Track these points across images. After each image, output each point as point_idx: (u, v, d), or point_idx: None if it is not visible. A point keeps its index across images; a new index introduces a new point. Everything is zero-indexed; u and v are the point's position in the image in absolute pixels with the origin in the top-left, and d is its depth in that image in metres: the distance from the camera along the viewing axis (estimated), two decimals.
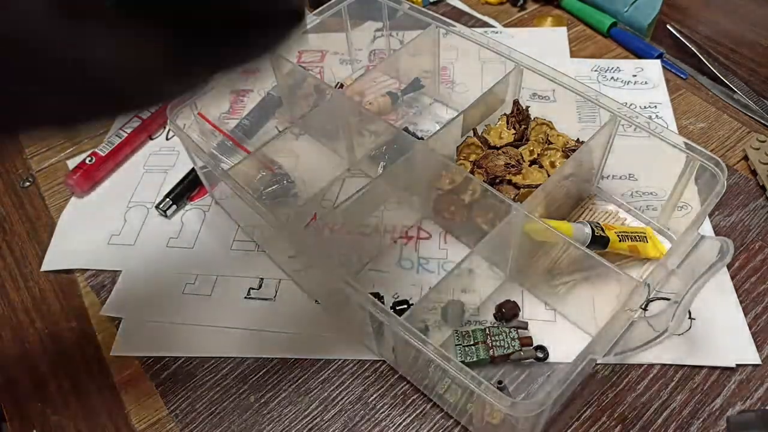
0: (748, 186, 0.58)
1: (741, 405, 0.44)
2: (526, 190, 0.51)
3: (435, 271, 0.53)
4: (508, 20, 0.79)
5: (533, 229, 0.46)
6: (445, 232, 0.56)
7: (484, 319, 0.49)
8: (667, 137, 0.47)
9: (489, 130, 0.57)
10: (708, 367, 0.46)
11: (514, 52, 0.55)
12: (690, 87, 0.68)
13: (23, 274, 0.57)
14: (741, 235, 0.54)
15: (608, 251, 0.49)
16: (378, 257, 0.54)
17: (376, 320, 0.42)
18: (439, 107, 0.67)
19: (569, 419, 0.44)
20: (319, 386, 0.47)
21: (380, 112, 0.63)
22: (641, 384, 0.46)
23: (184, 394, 0.48)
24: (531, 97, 0.58)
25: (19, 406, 0.48)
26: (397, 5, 0.62)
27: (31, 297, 0.55)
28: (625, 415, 0.44)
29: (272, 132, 0.65)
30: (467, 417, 0.44)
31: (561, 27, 0.77)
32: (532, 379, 0.46)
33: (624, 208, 0.56)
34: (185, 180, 0.60)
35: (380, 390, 0.47)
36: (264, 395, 0.47)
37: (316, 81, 0.60)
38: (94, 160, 0.62)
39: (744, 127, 0.63)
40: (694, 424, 0.44)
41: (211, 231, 0.58)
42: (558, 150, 0.54)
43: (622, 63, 0.71)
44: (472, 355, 0.46)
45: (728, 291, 0.50)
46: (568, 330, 0.48)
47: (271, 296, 0.52)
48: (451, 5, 0.82)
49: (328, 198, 0.59)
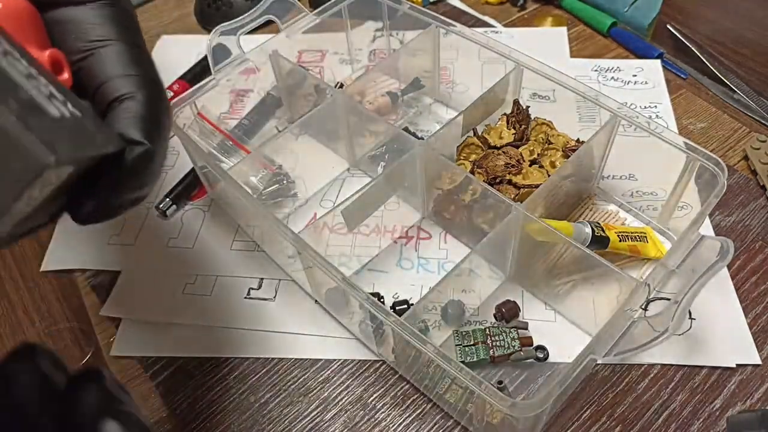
0: (748, 186, 0.58)
1: (741, 405, 0.44)
2: (526, 190, 0.51)
3: (435, 271, 0.53)
4: (508, 20, 0.79)
5: (533, 229, 0.46)
6: (445, 232, 0.56)
7: (484, 319, 0.49)
8: (667, 137, 0.47)
9: (489, 130, 0.57)
10: (708, 368, 0.46)
11: (514, 52, 0.55)
12: (690, 87, 0.68)
13: (23, 274, 0.57)
14: (741, 235, 0.54)
15: (608, 251, 0.49)
16: (378, 257, 0.54)
17: (376, 320, 0.42)
18: (439, 107, 0.67)
19: (569, 419, 0.44)
20: (319, 386, 0.47)
21: (380, 112, 0.63)
22: (641, 384, 0.46)
23: (184, 394, 0.48)
24: (531, 97, 0.58)
25: None
26: (397, 5, 0.62)
27: (31, 297, 0.55)
28: (625, 415, 0.44)
29: (272, 132, 0.65)
30: (467, 417, 0.44)
31: (561, 27, 0.77)
32: (532, 379, 0.46)
33: (624, 208, 0.56)
34: (185, 180, 0.60)
35: (380, 390, 0.47)
36: (264, 395, 0.47)
37: (316, 81, 0.60)
38: None
39: (744, 127, 0.63)
40: (695, 424, 0.44)
41: (211, 231, 0.58)
42: (558, 150, 0.54)
43: (622, 63, 0.71)
44: (472, 355, 0.46)
45: (728, 291, 0.50)
46: (568, 330, 0.48)
47: (271, 296, 0.52)
48: (451, 5, 0.81)
49: (328, 198, 0.59)
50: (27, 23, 0.28)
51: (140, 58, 0.30)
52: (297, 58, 0.71)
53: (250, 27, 0.55)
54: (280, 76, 0.61)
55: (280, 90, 0.64)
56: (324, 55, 0.73)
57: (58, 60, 0.28)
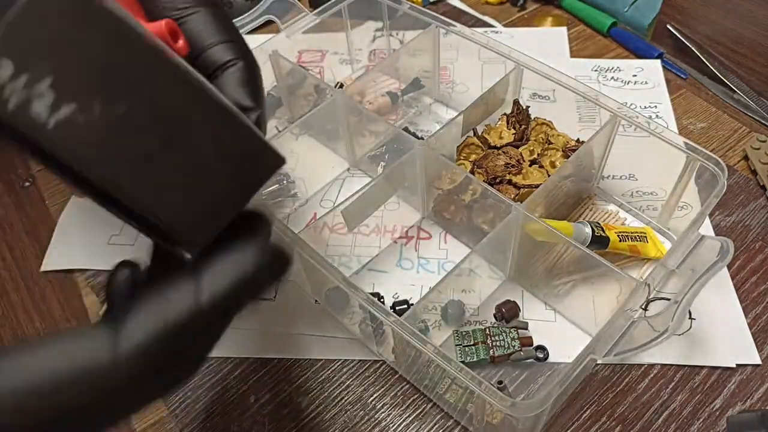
0: (748, 186, 0.58)
1: (741, 405, 0.44)
2: (526, 190, 0.51)
3: (435, 271, 0.53)
4: (508, 20, 0.79)
5: (533, 229, 0.46)
6: (445, 232, 0.56)
7: (484, 319, 0.49)
8: (667, 137, 0.47)
9: (489, 130, 0.57)
10: (708, 367, 0.46)
11: (514, 52, 0.55)
12: (690, 87, 0.68)
13: (23, 274, 0.57)
14: (741, 235, 0.54)
15: (608, 251, 0.49)
16: (378, 257, 0.54)
17: (376, 320, 0.42)
18: (439, 107, 0.67)
19: (569, 419, 0.44)
20: (319, 386, 0.47)
21: (380, 112, 0.63)
22: (641, 384, 0.46)
23: (184, 394, 0.48)
24: (531, 97, 0.58)
25: None
26: (397, 5, 0.62)
27: (31, 297, 0.55)
28: (625, 415, 0.44)
29: (272, 132, 0.65)
30: (467, 417, 0.44)
31: (561, 27, 0.77)
32: (532, 379, 0.46)
33: (624, 208, 0.56)
34: None
35: (380, 390, 0.47)
36: (264, 395, 0.47)
37: (316, 81, 0.60)
38: None
39: (744, 127, 0.63)
40: (695, 424, 0.44)
41: None
42: (558, 150, 0.54)
43: (622, 63, 0.71)
44: (472, 355, 0.46)
45: (728, 291, 0.50)
46: (568, 330, 0.48)
47: (271, 296, 0.52)
48: (451, 5, 0.81)
49: (328, 198, 0.59)
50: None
51: (230, 23, 0.31)
52: (297, 58, 0.71)
53: (251, 27, 0.55)
54: (280, 76, 0.61)
55: (280, 90, 0.64)
56: (324, 55, 0.73)
57: (174, 29, 0.29)
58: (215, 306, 0.23)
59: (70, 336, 0.22)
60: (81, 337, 0.22)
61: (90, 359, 0.21)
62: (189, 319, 0.22)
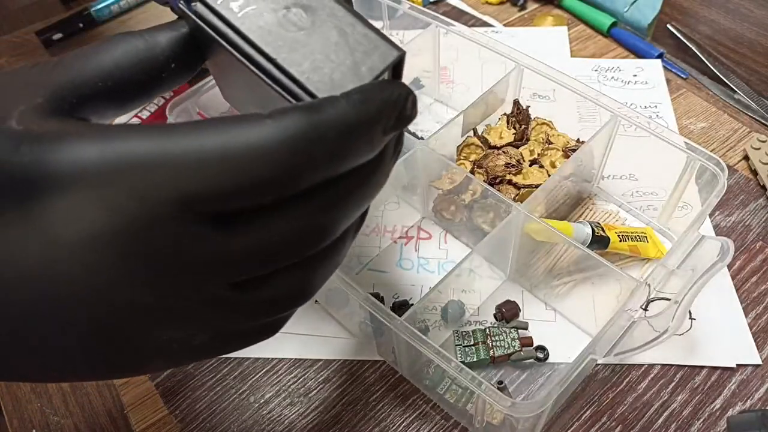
0: (748, 186, 0.58)
1: (741, 405, 0.44)
2: (526, 190, 0.51)
3: (435, 271, 0.53)
4: (508, 20, 0.79)
5: (533, 229, 0.46)
6: (445, 232, 0.56)
7: (484, 319, 0.49)
8: (667, 137, 0.47)
9: (489, 129, 0.57)
10: (708, 368, 0.46)
11: (514, 52, 0.55)
12: (690, 87, 0.68)
13: None
14: (741, 235, 0.54)
15: (608, 251, 0.49)
16: (378, 257, 0.54)
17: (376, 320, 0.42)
18: (439, 107, 0.67)
19: (569, 419, 0.44)
20: (319, 386, 0.47)
21: None
22: (641, 384, 0.46)
23: (184, 394, 0.48)
24: (531, 97, 0.58)
25: (19, 406, 0.48)
26: (397, 5, 0.62)
27: None
28: (626, 415, 0.44)
29: None
30: (467, 417, 0.44)
31: (561, 27, 0.77)
32: (532, 380, 0.46)
33: (624, 208, 0.56)
34: None
35: (380, 390, 0.47)
36: (264, 395, 0.47)
37: None
38: None
39: (744, 127, 0.63)
40: (695, 424, 0.44)
41: None
42: (558, 150, 0.54)
43: (623, 63, 0.71)
44: (472, 356, 0.46)
45: (728, 291, 0.50)
46: (568, 330, 0.48)
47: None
48: (451, 5, 0.81)
49: None
50: None
51: None
52: None
53: None
54: None
55: None
56: None
57: None
58: (368, 114, 0.21)
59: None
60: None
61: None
62: (342, 123, 0.20)
